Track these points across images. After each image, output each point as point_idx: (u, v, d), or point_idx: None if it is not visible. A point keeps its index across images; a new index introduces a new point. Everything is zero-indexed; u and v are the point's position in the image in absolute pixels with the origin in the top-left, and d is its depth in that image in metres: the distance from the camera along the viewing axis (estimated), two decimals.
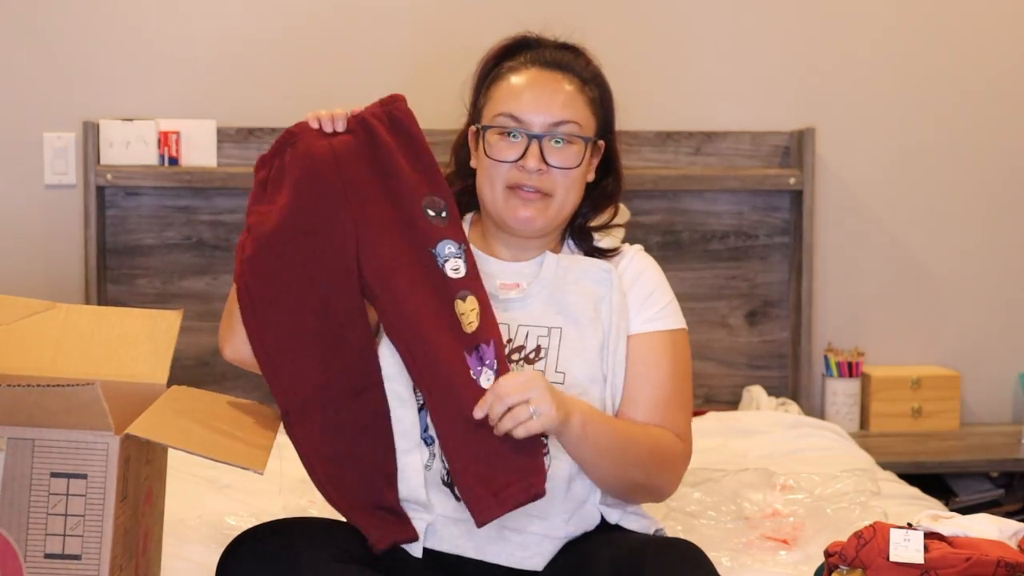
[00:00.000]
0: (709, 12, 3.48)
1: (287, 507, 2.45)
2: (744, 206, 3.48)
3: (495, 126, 1.96)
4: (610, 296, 1.96)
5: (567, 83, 1.97)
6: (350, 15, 3.39)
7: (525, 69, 1.98)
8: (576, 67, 1.99)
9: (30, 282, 3.26)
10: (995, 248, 3.60)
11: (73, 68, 3.33)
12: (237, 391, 2.78)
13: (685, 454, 1.97)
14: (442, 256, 1.89)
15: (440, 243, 1.89)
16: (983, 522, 1.85)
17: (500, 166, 1.94)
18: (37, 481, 1.61)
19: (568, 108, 1.95)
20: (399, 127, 1.92)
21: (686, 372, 2.01)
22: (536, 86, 1.96)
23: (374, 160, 1.91)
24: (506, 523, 1.87)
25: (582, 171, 1.97)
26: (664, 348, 1.98)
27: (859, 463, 2.85)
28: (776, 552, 2.25)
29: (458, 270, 1.89)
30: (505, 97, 1.97)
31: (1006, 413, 3.62)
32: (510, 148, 1.94)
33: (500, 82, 1.99)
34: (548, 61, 1.99)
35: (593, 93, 1.99)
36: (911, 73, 3.55)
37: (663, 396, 1.96)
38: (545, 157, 1.93)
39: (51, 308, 1.87)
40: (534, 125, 1.94)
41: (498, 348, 1.84)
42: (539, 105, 1.94)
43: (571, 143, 1.94)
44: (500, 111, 1.96)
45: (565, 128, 1.94)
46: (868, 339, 3.55)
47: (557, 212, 1.96)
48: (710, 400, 3.48)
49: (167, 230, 3.34)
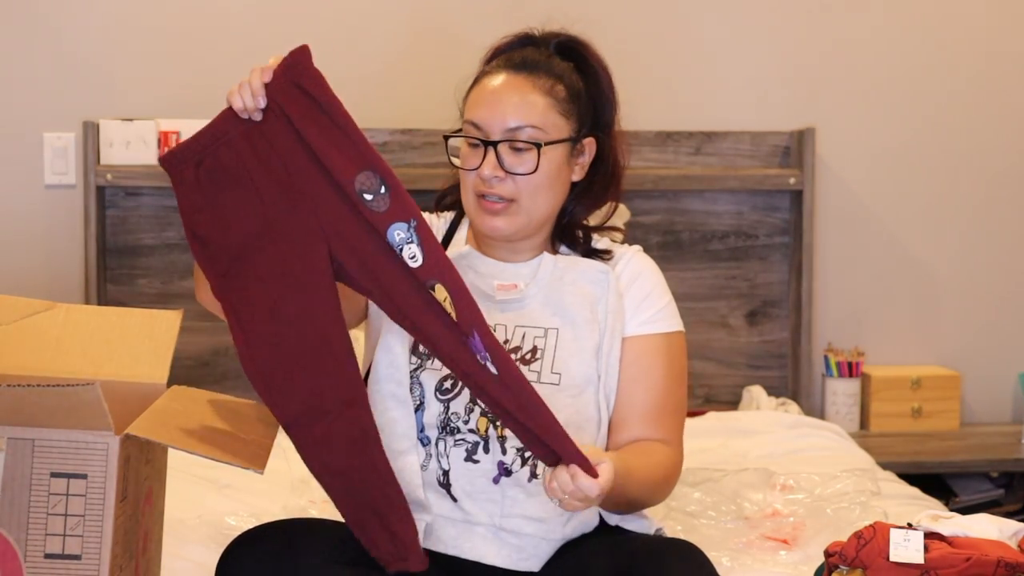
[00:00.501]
0: (709, 12, 3.48)
1: (287, 507, 2.45)
2: (744, 206, 3.48)
3: (458, 135, 1.96)
4: (606, 297, 1.95)
5: (530, 86, 1.93)
6: (350, 15, 3.40)
7: (495, 74, 1.96)
8: (548, 66, 1.95)
9: (30, 282, 3.26)
10: (995, 248, 3.60)
11: (73, 68, 3.33)
12: (237, 391, 2.77)
13: (678, 464, 1.98)
14: (396, 244, 1.70)
15: (389, 229, 1.70)
16: (983, 522, 1.85)
17: (468, 175, 1.94)
18: (37, 481, 1.61)
19: (524, 112, 1.91)
20: (309, 98, 1.70)
21: (681, 376, 2.00)
22: (497, 92, 1.93)
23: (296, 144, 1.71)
24: (504, 525, 1.87)
25: (548, 174, 1.92)
26: (659, 352, 1.97)
27: (859, 463, 2.85)
28: (776, 552, 2.25)
29: (415, 258, 1.70)
30: (471, 105, 1.96)
31: (1006, 413, 3.62)
32: (472, 156, 1.93)
33: (474, 87, 1.98)
34: (517, 63, 1.95)
35: (570, 90, 1.95)
36: (911, 73, 3.55)
37: (656, 402, 1.96)
38: (503, 163, 1.91)
39: (51, 308, 1.86)
40: (492, 132, 1.92)
41: (486, 339, 1.70)
42: (495, 112, 1.92)
43: (529, 150, 1.91)
44: (466, 119, 1.96)
45: (523, 133, 1.91)
46: (868, 339, 3.55)
47: (527, 218, 1.93)
48: (710, 400, 3.48)
49: (167, 230, 3.34)
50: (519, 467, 1.88)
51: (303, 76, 1.70)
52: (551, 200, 1.95)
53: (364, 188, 1.69)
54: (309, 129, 1.70)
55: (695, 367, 3.47)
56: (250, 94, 1.72)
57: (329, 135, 1.70)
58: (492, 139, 1.91)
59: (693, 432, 3.12)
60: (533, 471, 1.88)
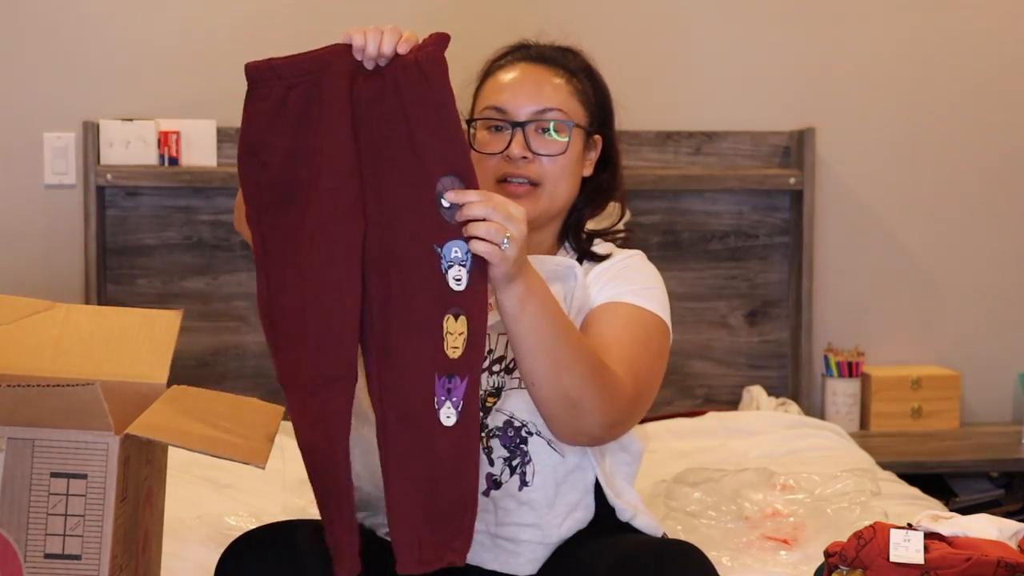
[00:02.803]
0: (710, 12, 3.48)
1: (287, 507, 2.45)
2: (744, 206, 3.48)
3: (482, 118, 1.96)
4: (573, 293, 1.92)
5: (553, 75, 1.97)
6: (350, 15, 3.39)
7: (513, 65, 2.00)
8: (565, 61, 2.00)
9: (30, 282, 3.26)
10: (995, 248, 3.60)
11: (73, 68, 3.33)
12: (237, 391, 2.77)
13: (629, 395, 1.81)
14: (447, 259, 1.64)
15: (448, 244, 1.64)
16: (983, 522, 1.85)
17: (488, 159, 1.93)
18: (37, 481, 1.61)
19: (553, 96, 1.95)
20: (429, 85, 1.65)
21: (649, 347, 1.87)
22: (521, 77, 1.97)
23: (397, 121, 1.65)
24: (499, 533, 1.86)
25: (572, 159, 1.95)
26: (625, 315, 1.87)
27: (859, 463, 2.86)
28: (776, 552, 2.25)
29: (460, 280, 1.64)
30: (492, 91, 1.98)
31: (1006, 413, 3.62)
32: (496, 140, 1.94)
33: (489, 79, 2.01)
34: (536, 56, 2.00)
35: (583, 85, 1.99)
36: (911, 73, 3.55)
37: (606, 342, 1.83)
38: (531, 145, 1.92)
39: (51, 308, 1.86)
40: (519, 114, 1.93)
41: (471, 389, 1.64)
42: (523, 94, 1.94)
43: (558, 130, 1.93)
44: (486, 104, 1.97)
45: (550, 115, 1.93)
46: (868, 339, 3.55)
47: (549, 202, 1.94)
48: (710, 400, 3.48)
49: (167, 230, 3.34)
50: (508, 477, 1.87)
51: (433, 64, 1.65)
52: (571, 188, 1.97)
53: (445, 192, 1.64)
54: (416, 112, 1.64)
55: (695, 367, 3.47)
56: (380, 42, 1.67)
57: (434, 127, 1.64)
58: (518, 120, 1.93)
59: (693, 432, 3.15)
60: (523, 479, 1.87)
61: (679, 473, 2.60)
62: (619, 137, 2.06)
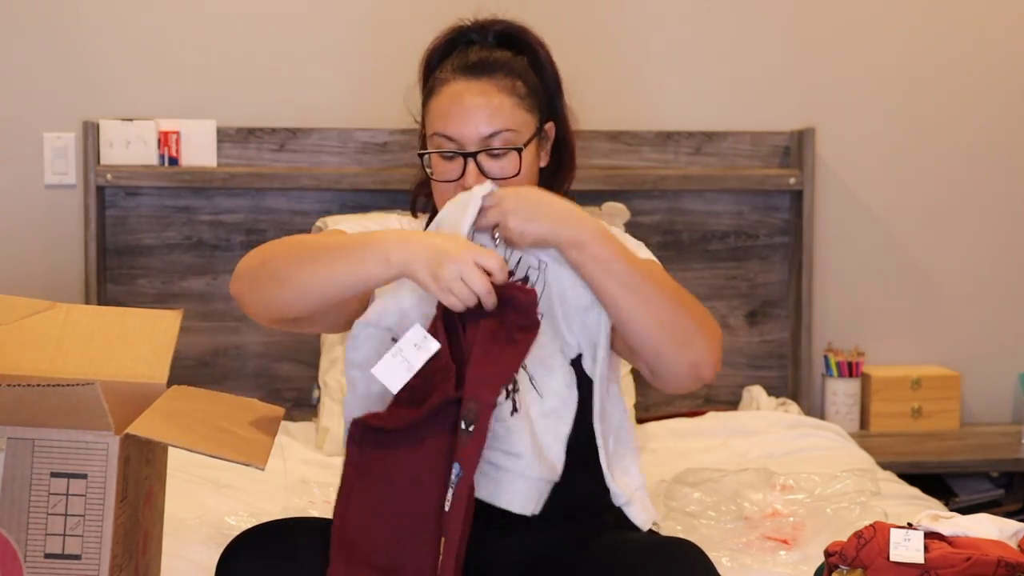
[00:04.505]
0: (710, 12, 3.48)
1: (287, 507, 2.45)
2: (744, 206, 3.48)
3: (434, 151, 1.95)
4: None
5: (494, 89, 1.93)
6: (350, 15, 3.39)
7: (452, 80, 1.95)
8: (502, 64, 1.96)
9: (30, 282, 3.26)
10: (995, 248, 3.60)
11: (73, 68, 3.33)
12: (237, 391, 2.78)
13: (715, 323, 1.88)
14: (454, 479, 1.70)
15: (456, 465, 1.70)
16: (983, 522, 1.85)
17: (447, 186, 1.93)
18: (37, 481, 1.61)
19: (498, 117, 1.92)
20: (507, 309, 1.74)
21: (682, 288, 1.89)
22: (462, 101, 1.93)
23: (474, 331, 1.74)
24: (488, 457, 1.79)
25: (527, 170, 1.94)
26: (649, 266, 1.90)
27: (859, 463, 2.85)
28: (776, 552, 2.25)
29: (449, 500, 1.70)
30: (436, 116, 1.96)
31: (1006, 413, 3.62)
32: (451, 168, 1.93)
33: (432, 97, 1.98)
34: (472, 66, 1.96)
35: (527, 85, 1.97)
36: (911, 73, 3.55)
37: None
38: (484, 170, 1.91)
39: (51, 308, 1.87)
40: (467, 143, 1.92)
41: None
42: (466, 122, 1.92)
43: (507, 153, 1.92)
44: (434, 131, 1.95)
45: (499, 138, 1.92)
46: (868, 339, 3.55)
47: None
48: (710, 400, 3.48)
49: (167, 230, 3.34)
50: (503, 398, 1.80)
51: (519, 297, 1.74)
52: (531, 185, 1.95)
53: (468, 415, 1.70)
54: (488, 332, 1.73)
55: None
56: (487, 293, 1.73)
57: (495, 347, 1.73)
58: (468, 150, 1.91)
59: (693, 432, 3.15)
60: (515, 405, 1.82)
61: (679, 473, 2.60)
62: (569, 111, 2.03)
